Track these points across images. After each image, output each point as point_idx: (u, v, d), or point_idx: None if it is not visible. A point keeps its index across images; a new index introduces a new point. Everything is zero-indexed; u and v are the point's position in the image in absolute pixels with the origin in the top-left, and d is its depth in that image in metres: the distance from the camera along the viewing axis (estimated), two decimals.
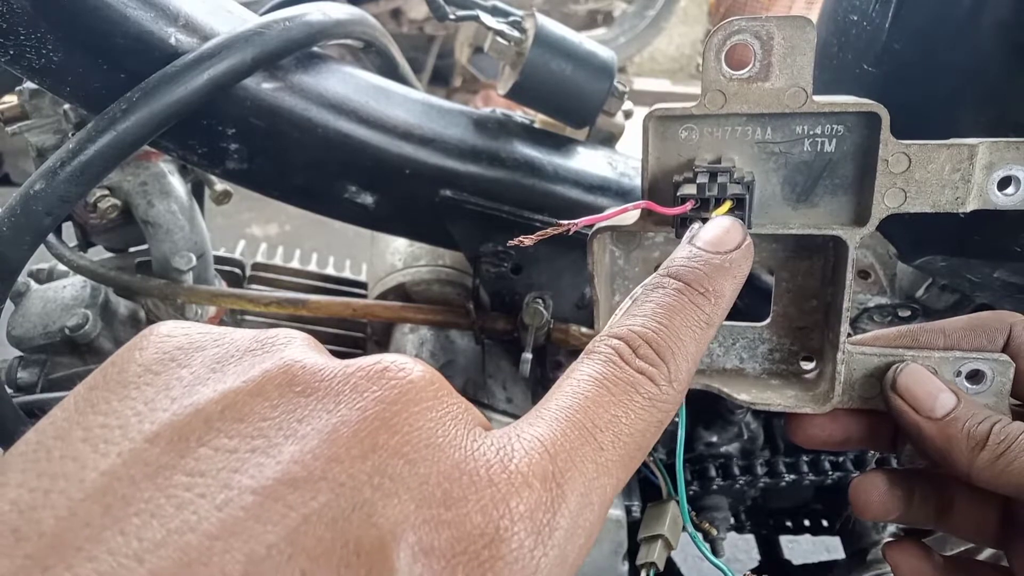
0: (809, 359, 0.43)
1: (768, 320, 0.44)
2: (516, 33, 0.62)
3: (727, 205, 0.35)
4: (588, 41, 0.63)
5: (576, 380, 0.26)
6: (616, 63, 0.64)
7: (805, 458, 0.76)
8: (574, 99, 0.62)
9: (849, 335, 0.39)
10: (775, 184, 0.38)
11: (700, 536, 0.40)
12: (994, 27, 0.52)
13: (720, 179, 0.35)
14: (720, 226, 0.32)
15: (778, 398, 0.41)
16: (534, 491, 0.22)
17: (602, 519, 0.24)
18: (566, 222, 0.36)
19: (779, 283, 0.43)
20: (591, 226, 0.40)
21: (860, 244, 0.38)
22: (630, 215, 0.39)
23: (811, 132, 0.37)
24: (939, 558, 0.41)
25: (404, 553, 0.19)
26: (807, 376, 0.43)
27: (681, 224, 0.36)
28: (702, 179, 0.35)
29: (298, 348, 0.23)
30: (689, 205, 0.35)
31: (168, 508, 0.19)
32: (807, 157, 0.38)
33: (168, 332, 0.24)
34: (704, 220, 0.35)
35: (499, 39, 0.62)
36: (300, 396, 0.22)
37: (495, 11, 0.65)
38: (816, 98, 0.36)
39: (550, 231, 0.36)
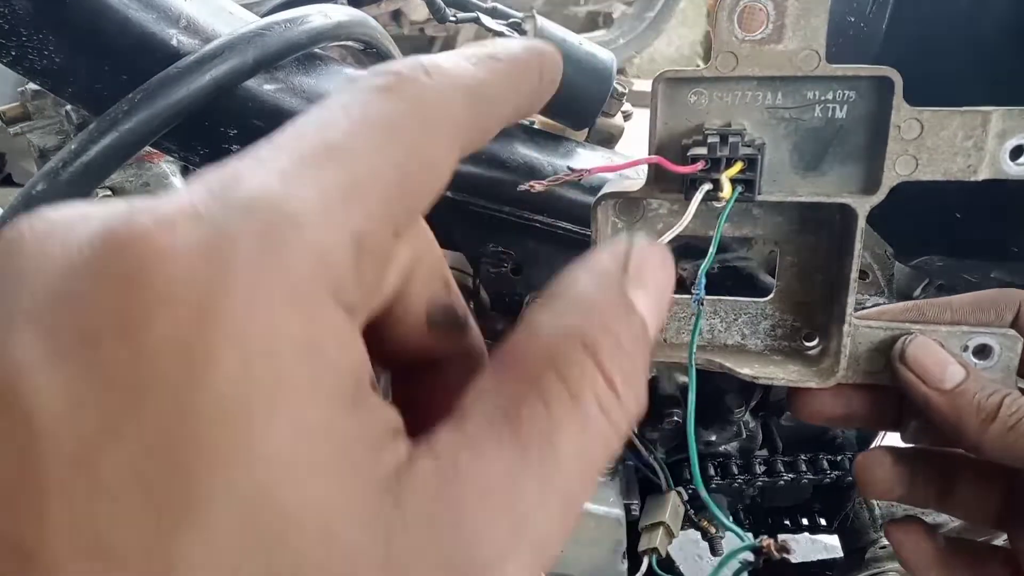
0: (811, 337, 0.42)
1: (771, 295, 0.43)
2: (516, 35, 0.62)
3: (738, 166, 0.35)
4: (588, 43, 0.63)
5: None
6: (616, 65, 0.64)
7: (803, 457, 0.76)
8: (574, 100, 0.63)
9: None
10: (784, 151, 0.38)
11: (710, 502, 0.39)
12: (994, 29, 0.52)
13: (732, 140, 0.35)
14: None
15: (781, 372, 0.40)
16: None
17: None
18: (579, 168, 0.36)
19: (783, 257, 0.42)
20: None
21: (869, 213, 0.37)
22: (635, 183, 0.39)
23: (822, 98, 0.37)
24: (941, 539, 0.41)
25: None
26: (809, 353, 0.42)
27: (690, 185, 0.35)
28: (713, 140, 0.35)
29: None
30: (699, 165, 0.35)
31: None
32: (817, 124, 0.37)
33: None
34: (714, 181, 0.35)
35: None
36: None
37: (495, 13, 0.65)
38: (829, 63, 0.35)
39: (563, 177, 0.36)
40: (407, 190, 0.18)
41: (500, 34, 0.62)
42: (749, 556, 0.37)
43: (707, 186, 0.35)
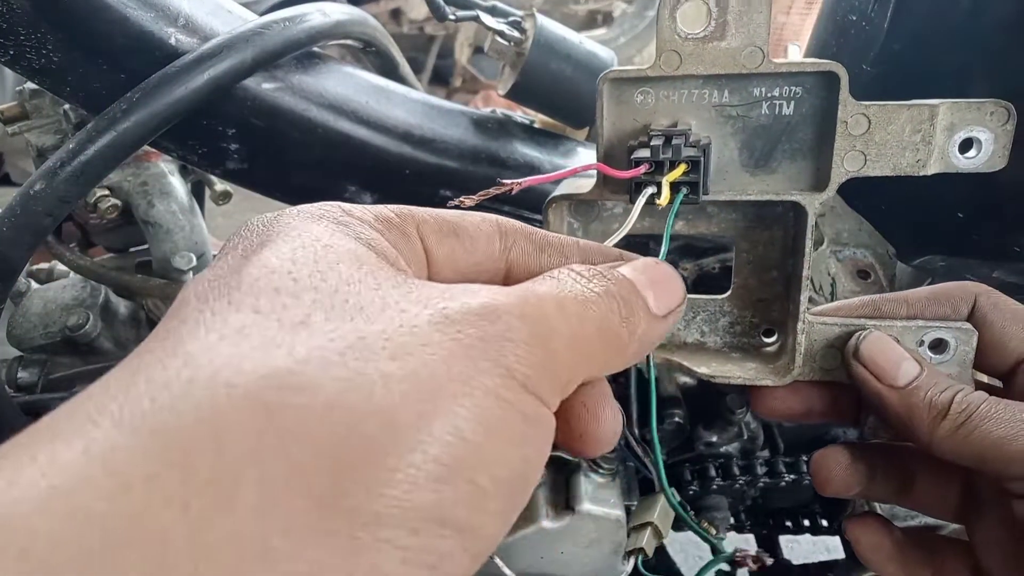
0: (770, 333, 0.42)
1: (728, 292, 0.43)
2: (516, 33, 0.62)
3: (681, 168, 0.34)
4: (588, 41, 0.63)
5: None
6: (616, 63, 0.64)
7: (805, 458, 0.76)
8: (574, 99, 0.62)
9: (809, 306, 0.39)
10: (733, 149, 0.37)
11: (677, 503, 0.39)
12: (995, 26, 0.52)
13: (675, 142, 0.34)
14: None
15: (739, 371, 0.40)
16: None
17: None
18: (508, 181, 0.35)
19: (739, 254, 0.42)
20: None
21: (820, 210, 0.37)
22: (586, 183, 0.39)
23: (769, 94, 0.36)
24: (899, 533, 0.41)
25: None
26: (768, 349, 0.42)
27: (635, 189, 0.35)
28: (656, 142, 0.35)
29: None
30: (643, 168, 0.35)
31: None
32: (765, 121, 0.37)
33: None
34: (658, 184, 0.34)
35: (499, 39, 0.62)
36: None
37: (495, 11, 0.65)
38: (774, 59, 0.35)
39: (491, 191, 0.36)
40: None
41: (500, 32, 0.62)
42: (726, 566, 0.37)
43: (650, 189, 0.34)
